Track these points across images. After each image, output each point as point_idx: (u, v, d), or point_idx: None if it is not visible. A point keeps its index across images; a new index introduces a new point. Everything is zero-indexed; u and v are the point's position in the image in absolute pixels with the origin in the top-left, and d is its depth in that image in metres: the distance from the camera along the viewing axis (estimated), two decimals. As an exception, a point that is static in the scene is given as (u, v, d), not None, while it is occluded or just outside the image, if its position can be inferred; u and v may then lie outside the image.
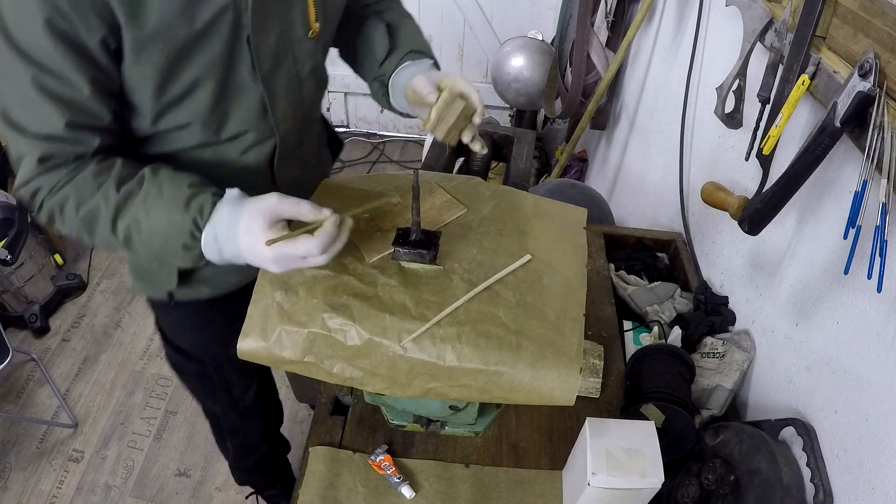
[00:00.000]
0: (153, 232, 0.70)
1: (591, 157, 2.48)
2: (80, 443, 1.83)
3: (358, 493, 0.82)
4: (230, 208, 0.69)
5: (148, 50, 0.66)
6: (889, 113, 0.62)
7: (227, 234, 0.69)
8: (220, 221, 0.69)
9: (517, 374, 0.65)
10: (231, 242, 0.68)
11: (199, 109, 0.75)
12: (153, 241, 0.71)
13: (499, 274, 0.72)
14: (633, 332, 1.13)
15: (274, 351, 0.66)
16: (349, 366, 0.66)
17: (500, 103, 2.85)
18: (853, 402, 0.74)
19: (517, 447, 0.91)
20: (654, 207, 1.61)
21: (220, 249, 0.70)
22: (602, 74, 1.83)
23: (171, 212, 0.69)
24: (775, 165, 0.83)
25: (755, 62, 0.90)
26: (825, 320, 0.82)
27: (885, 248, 0.62)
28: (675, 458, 0.87)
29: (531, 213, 0.83)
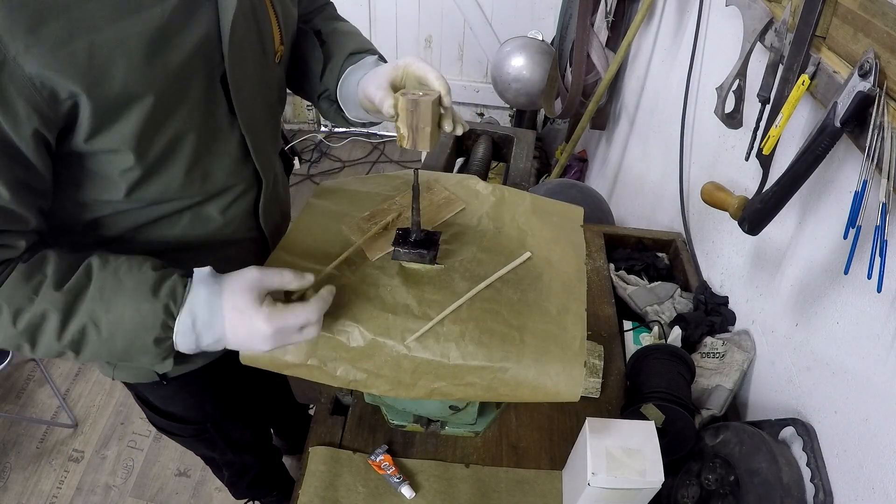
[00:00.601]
0: (116, 329, 0.60)
1: (591, 157, 2.48)
2: (80, 443, 1.83)
3: (358, 493, 0.82)
4: (207, 289, 0.61)
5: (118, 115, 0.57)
6: (889, 113, 0.62)
7: (208, 319, 0.61)
8: (198, 305, 0.61)
9: (522, 370, 0.65)
10: (213, 327, 0.61)
11: (179, 171, 0.66)
12: (116, 341, 0.61)
13: (500, 272, 0.72)
14: (633, 332, 1.13)
15: (277, 355, 0.65)
16: (353, 368, 0.65)
17: (500, 103, 2.85)
18: (853, 402, 0.74)
19: (517, 447, 0.91)
20: (654, 207, 1.61)
21: (199, 337, 0.61)
22: (602, 74, 1.83)
23: (138, 301, 0.60)
24: (775, 165, 0.83)
25: (755, 62, 0.90)
26: (825, 320, 0.82)
27: (885, 248, 0.62)
28: (675, 458, 0.87)
29: (529, 211, 0.83)
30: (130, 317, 0.60)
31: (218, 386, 1.02)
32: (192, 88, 0.62)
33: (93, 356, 0.62)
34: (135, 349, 0.62)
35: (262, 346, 0.61)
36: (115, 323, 0.60)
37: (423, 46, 2.92)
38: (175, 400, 1.00)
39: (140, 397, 1.02)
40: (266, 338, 0.60)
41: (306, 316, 0.61)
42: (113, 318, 0.60)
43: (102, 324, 0.60)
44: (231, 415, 1.12)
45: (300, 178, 2.95)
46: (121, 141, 0.59)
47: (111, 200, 0.66)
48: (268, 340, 0.61)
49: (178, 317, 0.61)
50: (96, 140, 0.58)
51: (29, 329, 0.58)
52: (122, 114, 0.57)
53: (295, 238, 0.76)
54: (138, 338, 0.61)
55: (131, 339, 0.61)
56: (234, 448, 1.19)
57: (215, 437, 1.11)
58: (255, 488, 1.47)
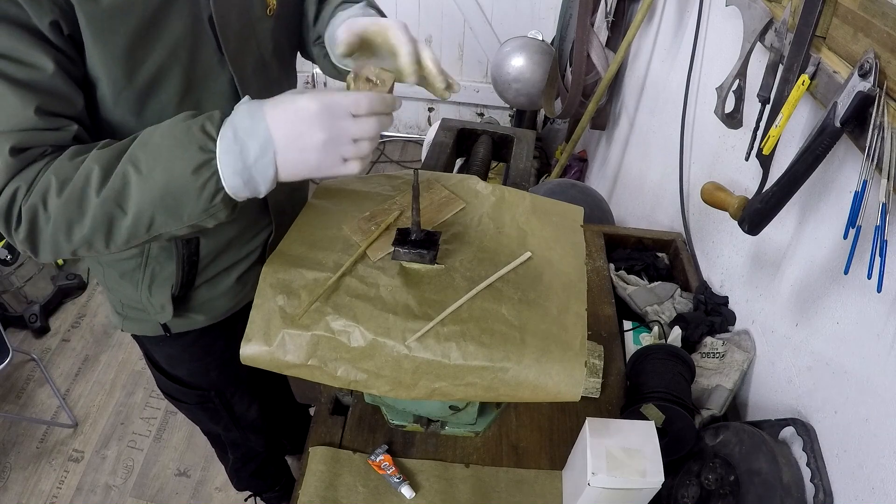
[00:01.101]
0: (155, 161, 0.57)
1: (591, 157, 2.48)
2: (80, 443, 1.83)
3: (358, 493, 0.82)
4: (247, 104, 0.59)
5: (106, 29, 0.59)
6: (889, 113, 0.62)
7: (249, 124, 0.57)
8: (237, 116, 0.58)
9: (522, 370, 0.65)
10: (256, 131, 0.57)
11: (169, 100, 0.68)
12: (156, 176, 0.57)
13: (500, 271, 0.72)
14: (633, 332, 1.13)
15: (277, 355, 0.65)
16: (353, 368, 0.65)
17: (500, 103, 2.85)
18: (853, 402, 0.74)
19: (517, 447, 0.91)
20: (654, 207, 1.61)
21: (243, 150, 0.57)
22: (602, 74, 1.83)
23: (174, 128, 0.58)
24: (775, 165, 0.83)
25: (755, 62, 0.90)
26: (825, 320, 0.82)
27: (885, 248, 0.62)
28: (675, 458, 0.87)
29: (529, 211, 0.84)
30: (168, 144, 0.57)
31: (222, 351, 1.04)
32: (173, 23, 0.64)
33: (139, 209, 0.58)
34: (176, 185, 0.57)
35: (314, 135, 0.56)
36: (153, 155, 0.57)
37: (423, 46, 2.92)
38: (180, 362, 1.03)
39: (149, 358, 1.06)
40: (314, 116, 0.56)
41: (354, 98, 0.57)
42: (150, 152, 0.57)
43: (141, 162, 0.57)
44: (236, 385, 1.13)
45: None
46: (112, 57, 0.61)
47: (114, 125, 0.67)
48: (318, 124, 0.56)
49: (220, 132, 0.57)
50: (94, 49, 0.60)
51: (72, 196, 0.57)
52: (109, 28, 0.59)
53: (295, 238, 0.76)
54: (177, 166, 0.56)
55: (170, 169, 0.56)
56: (238, 424, 1.20)
57: (219, 407, 1.13)
58: (259, 478, 1.47)
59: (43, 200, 0.58)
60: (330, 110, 0.57)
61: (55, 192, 0.58)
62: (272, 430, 1.40)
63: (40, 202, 0.58)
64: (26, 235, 0.59)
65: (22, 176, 0.58)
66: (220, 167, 0.57)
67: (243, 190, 0.59)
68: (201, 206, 0.59)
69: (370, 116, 0.59)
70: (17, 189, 0.58)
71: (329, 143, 0.58)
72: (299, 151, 0.58)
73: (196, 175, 0.57)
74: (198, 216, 0.60)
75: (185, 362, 1.04)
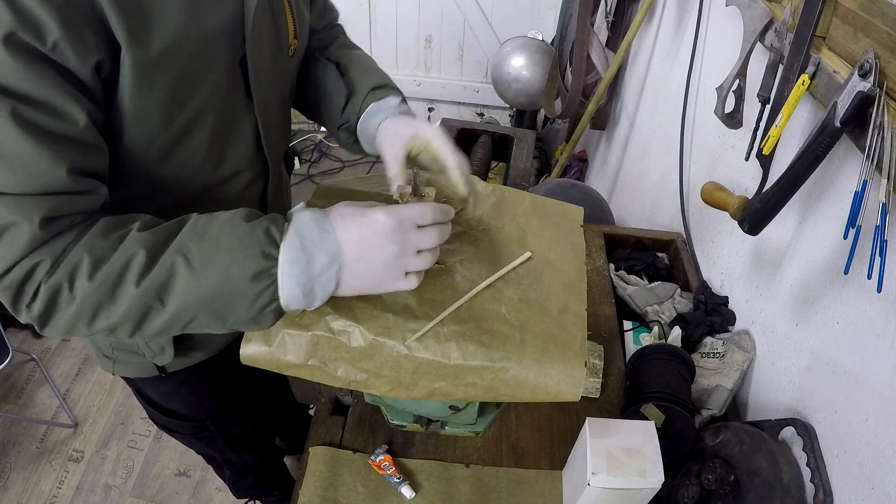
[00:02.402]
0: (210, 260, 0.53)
1: (591, 157, 2.48)
2: (80, 443, 1.83)
3: (358, 493, 0.82)
4: (310, 212, 0.57)
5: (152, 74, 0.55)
6: (889, 113, 0.62)
7: (317, 235, 0.55)
8: (303, 225, 0.55)
9: (522, 370, 0.65)
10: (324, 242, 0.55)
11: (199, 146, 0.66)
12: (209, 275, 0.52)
13: (501, 271, 0.72)
14: (633, 332, 1.13)
15: (277, 355, 0.65)
16: (353, 368, 0.65)
17: (500, 103, 2.85)
18: (853, 402, 0.74)
19: (517, 447, 0.91)
20: (654, 207, 1.61)
21: (310, 260, 0.54)
22: (602, 74, 1.83)
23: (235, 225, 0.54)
24: (775, 165, 0.83)
25: (755, 62, 0.90)
26: (825, 320, 0.82)
27: (885, 248, 0.62)
28: (675, 458, 0.87)
29: (529, 211, 0.84)
30: (227, 242, 0.53)
31: (217, 382, 1.03)
32: (218, 62, 0.62)
33: (181, 306, 0.53)
34: (230, 288, 0.53)
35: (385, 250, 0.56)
36: (209, 252, 0.53)
37: (423, 46, 2.93)
38: (175, 397, 1.01)
39: (141, 394, 1.02)
40: (388, 231, 0.55)
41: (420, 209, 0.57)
42: (205, 247, 0.53)
43: (194, 256, 0.52)
44: (231, 412, 1.12)
45: (300, 177, 2.96)
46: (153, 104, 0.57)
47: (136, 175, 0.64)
48: (390, 238, 0.56)
49: (285, 238, 0.54)
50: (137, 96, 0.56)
51: (107, 279, 0.52)
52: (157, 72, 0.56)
53: None
54: (235, 269, 0.52)
55: (227, 271, 0.52)
56: (234, 447, 1.19)
57: (216, 434, 1.11)
58: (257, 487, 1.48)
59: (70, 280, 0.52)
60: (402, 224, 0.57)
61: (86, 274, 0.51)
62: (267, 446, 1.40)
63: (66, 281, 0.52)
64: (41, 313, 0.53)
65: (46, 249, 0.52)
66: (281, 277, 0.54)
67: (300, 302, 0.56)
68: (251, 314, 0.55)
69: (433, 227, 0.60)
70: (38, 263, 0.51)
71: (397, 256, 0.58)
72: (366, 264, 0.57)
73: (254, 282, 0.53)
74: (243, 323, 0.57)
75: (180, 397, 1.01)
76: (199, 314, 0.55)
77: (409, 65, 3.00)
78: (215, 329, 0.57)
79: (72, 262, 0.52)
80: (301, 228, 0.55)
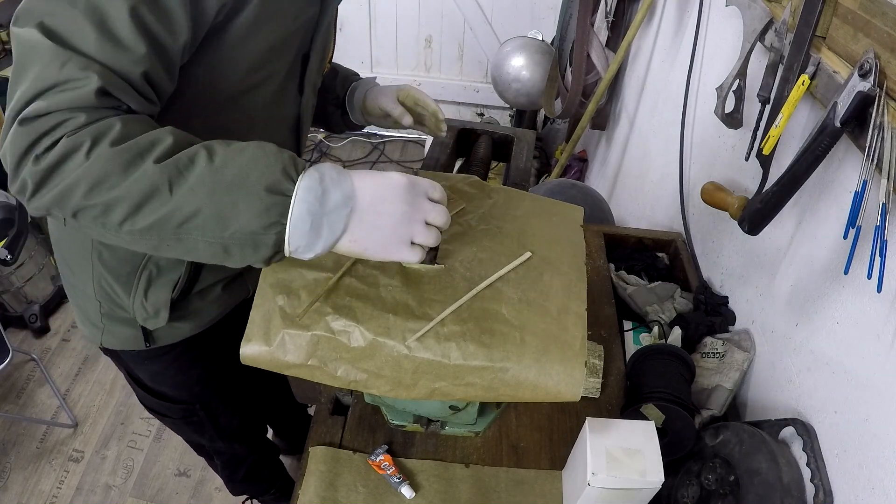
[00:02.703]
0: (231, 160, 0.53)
1: (591, 157, 2.48)
2: (80, 443, 1.83)
3: (358, 493, 0.82)
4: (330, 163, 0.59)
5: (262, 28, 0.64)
6: (889, 113, 0.62)
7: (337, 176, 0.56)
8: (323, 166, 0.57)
9: (522, 370, 0.65)
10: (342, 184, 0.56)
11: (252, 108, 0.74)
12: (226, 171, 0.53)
13: (500, 271, 0.72)
14: (633, 332, 1.13)
15: (277, 355, 0.65)
16: (353, 368, 0.65)
17: (500, 103, 2.85)
18: (853, 402, 0.74)
19: (517, 447, 0.91)
20: (654, 207, 1.61)
21: (325, 192, 0.54)
22: (602, 74, 1.83)
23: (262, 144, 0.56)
24: (775, 165, 0.83)
25: (755, 62, 0.90)
26: (825, 320, 0.82)
27: (885, 248, 0.62)
28: (675, 458, 0.87)
29: (529, 211, 0.84)
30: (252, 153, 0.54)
31: (206, 366, 1.03)
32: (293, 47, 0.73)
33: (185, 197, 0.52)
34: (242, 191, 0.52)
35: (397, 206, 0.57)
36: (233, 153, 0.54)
37: (423, 46, 2.92)
38: (164, 377, 1.02)
39: (132, 376, 1.03)
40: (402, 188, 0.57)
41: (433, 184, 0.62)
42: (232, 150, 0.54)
43: (217, 154, 0.53)
44: (220, 398, 1.13)
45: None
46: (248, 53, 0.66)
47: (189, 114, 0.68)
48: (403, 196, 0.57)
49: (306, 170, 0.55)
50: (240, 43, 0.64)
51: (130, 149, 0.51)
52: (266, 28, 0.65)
53: None
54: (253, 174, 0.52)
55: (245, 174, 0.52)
56: (222, 434, 1.20)
57: (204, 420, 1.11)
58: (252, 483, 1.47)
59: (94, 141, 0.51)
60: (415, 187, 0.59)
61: (110, 140, 0.51)
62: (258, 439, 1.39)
63: (89, 141, 0.51)
64: (46, 168, 0.51)
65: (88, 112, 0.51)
66: (294, 200, 0.53)
67: (304, 234, 0.54)
68: (255, 226, 0.53)
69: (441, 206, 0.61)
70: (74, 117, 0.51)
71: (406, 217, 0.58)
72: (377, 216, 0.57)
73: (268, 193, 0.53)
74: (241, 237, 0.54)
75: (169, 377, 1.02)
76: (201, 211, 0.53)
77: (409, 65, 3.00)
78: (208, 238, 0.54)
79: (102, 128, 0.52)
80: (322, 168, 0.56)
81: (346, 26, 2.90)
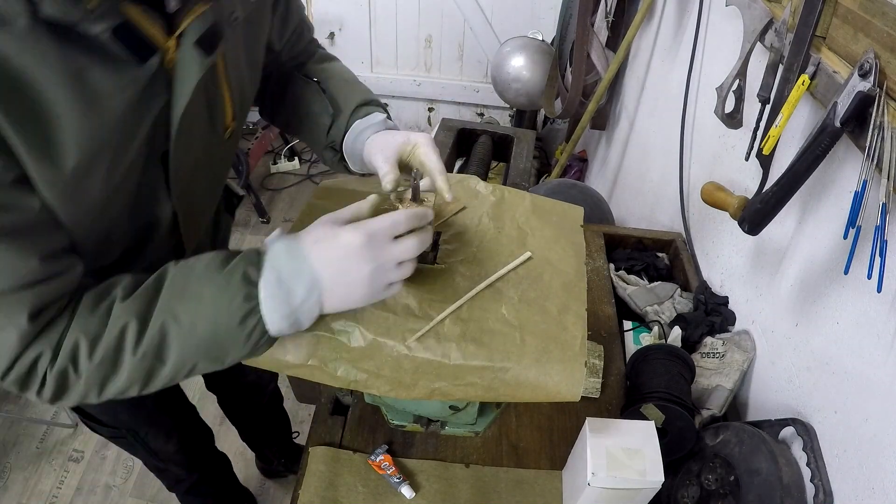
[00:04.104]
0: (196, 315, 0.55)
1: (591, 157, 2.48)
2: (80, 443, 1.83)
3: (358, 493, 0.82)
4: (283, 242, 0.57)
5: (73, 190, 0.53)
6: (889, 113, 0.62)
7: (293, 266, 0.56)
8: (278, 258, 0.56)
9: (522, 370, 0.65)
10: (301, 273, 0.56)
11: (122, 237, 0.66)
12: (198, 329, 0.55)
13: (501, 271, 0.72)
14: (633, 332, 1.13)
15: (277, 355, 0.65)
16: (353, 368, 0.65)
17: (500, 103, 2.85)
18: (853, 402, 0.74)
19: (517, 447, 0.91)
20: (654, 207, 1.61)
21: (289, 293, 0.56)
22: (602, 74, 1.83)
23: (211, 277, 0.56)
24: (775, 165, 0.83)
25: (755, 62, 0.90)
26: (825, 320, 0.82)
27: (885, 248, 0.62)
28: (675, 458, 0.87)
29: (529, 211, 0.84)
30: (209, 295, 0.55)
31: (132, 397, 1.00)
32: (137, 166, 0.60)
33: (180, 360, 0.56)
34: (222, 335, 0.56)
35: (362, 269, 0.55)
36: (194, 308, 0.55)
37: (423, 46, 2.93)
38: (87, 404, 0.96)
39: None
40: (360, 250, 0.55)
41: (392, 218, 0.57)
42: (190, 304, 0.55)
43: (181, 315, 0.55)
44: (149, 423, 1.09)
45: (300, 177, 2.95)
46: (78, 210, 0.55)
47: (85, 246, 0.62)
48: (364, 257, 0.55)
49: (261, 277, 0.55)
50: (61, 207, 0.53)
51: (107, 355, 0.54)
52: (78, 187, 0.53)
53: None
54: (221, 318, 0.55)
55: (215, 322, 0.55)
56: (155, 456, 1.17)
57: (134, 443, 1.09)
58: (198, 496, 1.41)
59: (73, 363, 0.54)
60: (373, 240, 0.56)
61: (86, 355, 0.54)
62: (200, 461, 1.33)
63: (70, 365, 0.54)
64: (52, 396, 0.55)
65: (43, 340, 0.53)
66: (264, 313, 0.56)
67: (287, 330, 0.59)
68: (246, 350, 0.58)
69: (410, 236, 0.59)
70: (39, 355, 0.53)
71: (375, 272, 0.57)
72: (346, 287, 0.57)
73: (242, 325, 0.55)
74: (241, 358, 0.60)
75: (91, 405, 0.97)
76: (199, 362, 0.58)
77: (409, 65, 3.00)
78: (216, 369, 0.60)
79: (70, 347, 0.54)
80: (276, 262, 0.56)
81: (345, 26, 2.90)
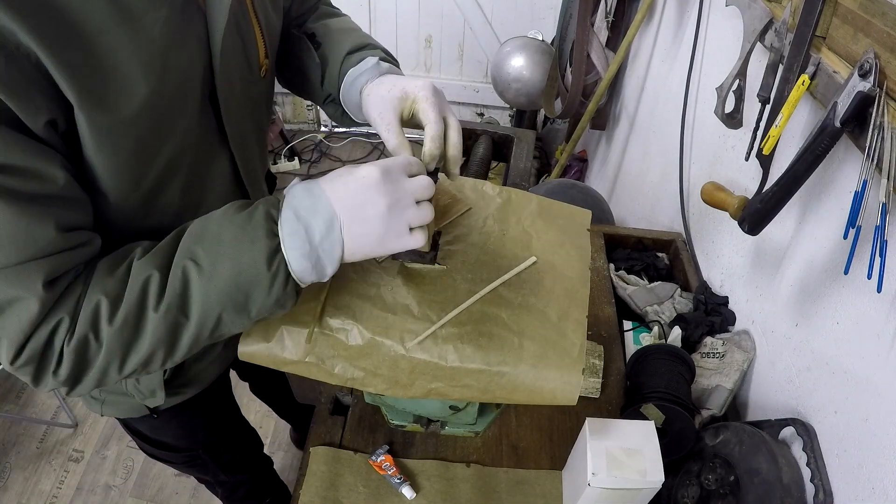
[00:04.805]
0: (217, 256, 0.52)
1: (591, 157, 2.48)
2: (80, 443, 1.83)
3: (359, 493, 0.82)
4: (301, 184, 0.56)
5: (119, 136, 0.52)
6: (889, 113, 0.62)
7: (309, 203, 0.54)
8: (295, 196, 0.54)
9: (519, 375, 0.65)
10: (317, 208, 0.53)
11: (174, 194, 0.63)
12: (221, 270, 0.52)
13: (504, 276, 0.72)
14: (633, 332, 1.13)
15: (275, 352, 0.65)
16: (351, 366, 0.66)
17: (500, 103, 2.85)
18: (853, 402, 0.74)
19: (517, 447, 0.91)
20: (654, 207, 1.61)
21: (308, 229, 0.53)
22: (602, 74, 1.83)
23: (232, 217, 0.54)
24: (775, 165, 0.83)
25: (755, 62, 0.90)
26: (825, 320, 0.82)
27: (885, 248, 0.62)
28: (675, 458, 0.87)
29: (535, 213, 0.83)
30: (230, 235, 0.52)
31: (208, 414, 1.01)
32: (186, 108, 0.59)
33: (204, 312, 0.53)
34: (246, 277, 0.52)
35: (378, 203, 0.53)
36: (215, 249, 0.52)
37: (423, 46, 2.93)
38: (166, 430, 0.98)
39: (130, 428, 0.98)
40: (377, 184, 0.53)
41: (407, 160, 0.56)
42: (210, 245, 0.52)
43: (202, 258, 0.52)
44: (222, 438, 1.11)
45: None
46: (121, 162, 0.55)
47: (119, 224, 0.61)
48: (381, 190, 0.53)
49: (280, 216, 0.53)
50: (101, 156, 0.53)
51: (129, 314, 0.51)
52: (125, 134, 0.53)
53: None
54: (246, 257, 0.52)
55: (238, 262, 0.52)
56: (226, 469, 1.18)
57: (208, 461, 1.10)
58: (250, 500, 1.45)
59: (94, 328, 0.51)
60: (389, 173, 0.55)
61: (106, 317, 0.51)
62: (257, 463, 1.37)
63: (90, 331, 0.51)
64: (70, 373, 0.52)
65: (61, 307, 0.51)
66: (285, 252, 0.53)
67: (311, 273, 0.55)
68: (273, 296, 0.54)
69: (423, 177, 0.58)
70: (57, 324, 0.50)
71: (393, 207, 0.55)
72: (365, 222, 0.54)
73: (268, 263, 0.52)
74: (268, 308, 0.56)
75: (171, 431, 0.98)
76: (223, 313, 0.54)
77: (409, 65, 3.00)
78: (242, 324, 0.57)
79: (91, 310, 0.51)
80: (293, 200, 0.54)
81: (346, 26, 2.89)
